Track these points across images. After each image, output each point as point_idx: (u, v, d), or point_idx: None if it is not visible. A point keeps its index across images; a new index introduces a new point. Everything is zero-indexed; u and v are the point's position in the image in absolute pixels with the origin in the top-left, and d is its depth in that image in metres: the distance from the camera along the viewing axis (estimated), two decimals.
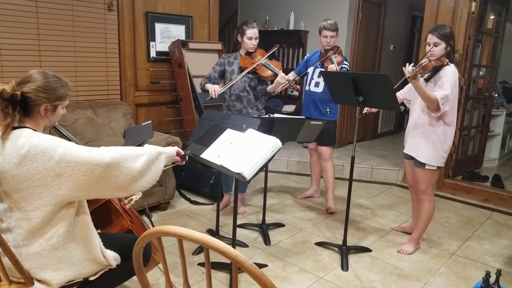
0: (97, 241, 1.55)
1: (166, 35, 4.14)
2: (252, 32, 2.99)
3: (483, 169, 4.82)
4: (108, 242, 1.61)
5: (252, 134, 2.17)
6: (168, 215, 3.28)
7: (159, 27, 4.06)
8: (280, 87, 2.97)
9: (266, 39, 5.79)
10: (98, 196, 1.46)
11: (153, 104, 4.12)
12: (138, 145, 3.36)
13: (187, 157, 1.70)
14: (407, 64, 2.38)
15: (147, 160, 1.47)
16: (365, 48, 5.63)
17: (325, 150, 3.45)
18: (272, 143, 2.08)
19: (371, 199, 3.92)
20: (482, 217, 3.55)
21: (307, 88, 3.44)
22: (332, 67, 3.03)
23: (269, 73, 2.97)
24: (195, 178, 3.70)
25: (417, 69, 2.32)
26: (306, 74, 3.44)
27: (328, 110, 3.37)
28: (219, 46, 4.29)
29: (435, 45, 2.45)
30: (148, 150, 1.51)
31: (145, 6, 3.90)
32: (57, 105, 1.49)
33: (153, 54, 4.04)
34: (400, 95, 2.77)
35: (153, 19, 3.97)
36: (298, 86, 2.90)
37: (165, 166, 1.59)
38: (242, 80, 3.07)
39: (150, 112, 4.12)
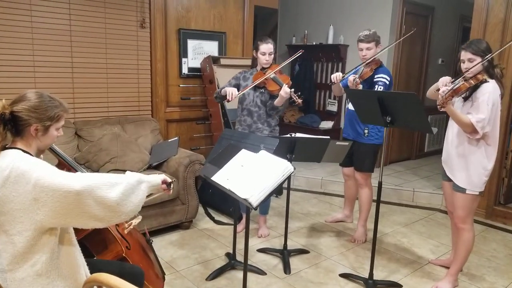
0: (84, 271, 1.48)
1: (199, 51, 4.14)
2: (265, 48, 2.92)
3: None
4: (98, 271, 1.53)
5: (264, 157, 2.03)
6: (189, 235, 3.20)
7: (191, 43, 4.07)
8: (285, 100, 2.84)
9: (304, 54, 5.65)
10: (77, 225, 1.40)
11: (184, 120, 4.12)
12: (149, 167, 3.33)
13: (172, 185, 1.59)
14: (441, 86, 2.15)
15: (124, 189, 1.37)
16: (409, 62, 5.29)
17: (359, 176, 3.15)
18: (283, 167, 1.93)
19: (410, 226, 3.58)
20: None
21: (347, 105, 3.14)
22: (350, 79, 2.80)
23: (275, 86, 2.89)
24: (220, 197, 3.60)
25: (447, 95, 2.09)
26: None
27: (366, 132, 3.02)
28: (250, 61, 4.21)
29: (470, 61, 2.23)
30: (127, 178, 1.42)
31: (177, 23, 3.94)
32: (49, 126, 1.46)
33: (185, 70, 4.05)
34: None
35: (185, 35, 4.00)
36: (300, 100, 2.73)
37: (150, 196, 1.50)
38: (254, 95, 3.01)
39: (180, 127, 4.12)
